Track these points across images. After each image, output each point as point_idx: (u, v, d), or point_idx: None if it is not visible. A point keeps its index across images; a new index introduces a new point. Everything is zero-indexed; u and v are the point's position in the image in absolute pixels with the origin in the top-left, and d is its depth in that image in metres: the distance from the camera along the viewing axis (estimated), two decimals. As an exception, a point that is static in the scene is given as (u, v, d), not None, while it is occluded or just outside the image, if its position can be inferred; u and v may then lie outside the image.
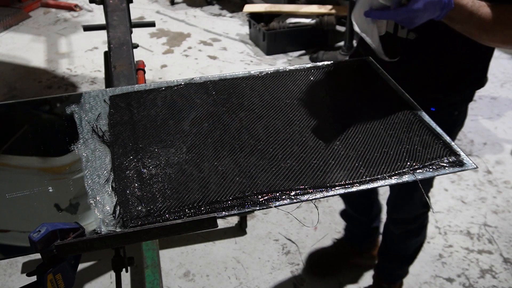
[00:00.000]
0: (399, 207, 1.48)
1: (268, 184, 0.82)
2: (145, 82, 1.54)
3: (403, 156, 0.89)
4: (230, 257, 1.87)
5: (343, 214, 1.81)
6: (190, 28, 3.89)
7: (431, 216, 2.06)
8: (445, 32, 0.99)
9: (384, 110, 1.01)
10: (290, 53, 3.49)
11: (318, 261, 1.87)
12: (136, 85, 1.09)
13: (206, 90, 1.07)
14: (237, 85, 1.08)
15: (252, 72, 1.13)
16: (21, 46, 3.56)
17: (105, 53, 1.75)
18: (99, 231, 0.74)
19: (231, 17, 4.14)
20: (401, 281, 1.73)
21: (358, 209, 1.71)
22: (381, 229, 1.70)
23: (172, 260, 1.86)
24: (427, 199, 1.55)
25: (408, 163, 0.87)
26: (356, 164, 0.86)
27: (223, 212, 0.77)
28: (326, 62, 1.16)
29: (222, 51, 3.51)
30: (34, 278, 0.67)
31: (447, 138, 0.93)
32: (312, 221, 2.02)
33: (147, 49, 3.53)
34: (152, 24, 1.94)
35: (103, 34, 3.24)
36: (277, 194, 0.80)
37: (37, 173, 0.86)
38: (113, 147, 0.90)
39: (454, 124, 1.25)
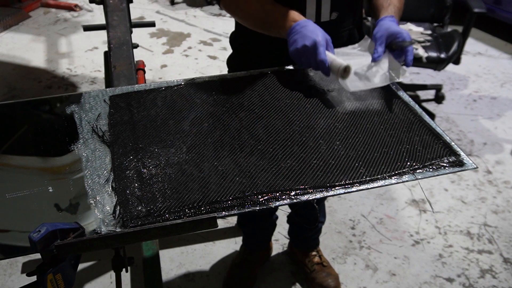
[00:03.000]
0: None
1: (268, 184, 0.82)
2: (145, 82, 1.54)
3: (403, 156, 0.89)
4: (230, 257, 1.86)
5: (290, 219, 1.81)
6: (190, 28, 3.89)
7: (431, 216, 2.06)
8: (357, 6, 1.23)
9: (384, 110, 1.01)
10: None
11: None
12: (136, 85, 1.09)
13: (206, 90, 1.07)
14: (237, 85, 1.08)
15: (252, 72, 1.13)
16: (21, 46, 3.56)
17: (105, 53, 1.75)
18: (99, 231, 0.74)
19: (231, 17, 4.13)
20: (315, 248, 1.80)
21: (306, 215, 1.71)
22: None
23: (172, 260, 1.86)
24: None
25: (408, 163, 0.87)
26: (356, 164, 0.86)
27: (223, 212, 0.77)
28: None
29: (222, 51, 3.51)
30: (34, 278, 0.67)
31: (447, 138, 0.93)
32: (312, 221, 2.02)
33: (147, 49, 3.53)
34: (152, 24, 1.94)
35: (103, 34, 3.24)
36: (277, 194, 0.81)
37: (37, 173, 0.86)
38: (113, 147, 0.90)
39: None
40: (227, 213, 0.77)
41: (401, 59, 1.06)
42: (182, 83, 1.08)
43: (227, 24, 3.97)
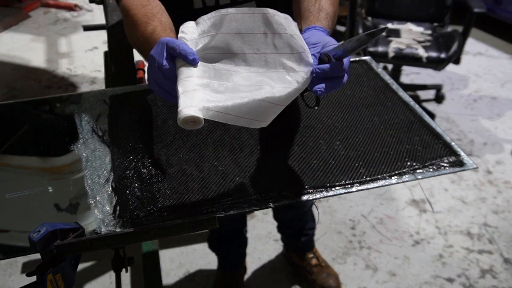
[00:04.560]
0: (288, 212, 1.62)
1: (268, 184, 0.82)
2: (145, 82, 1.54)
3: (403, 156, 0.89)
4: (230, 257, 1.86)
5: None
6: (190, 28, 3.89)
7: (431, 216, 2.06)
8: None
9: (384, 110, 1.01)
10: (290, 53, 3.48)
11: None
12: (136, 85, 1.09)
13: (206, 90, 1.07)
14: (237, 85, 1.08)
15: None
16: (21, 46, 3.56)
17: (105, 53, 1.75)
18: (99, 231, 0.74)
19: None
20: (311, 250, 1.78)
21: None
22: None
23: (172, 260, 1.86)
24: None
25: (408, 163, 0.87)
26: (356, 164, 0.86)
27: (223, 212, 0.77)
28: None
29: (222, 51, 3.51)
30: (34, 278, 0.67)
31: (447, 138, 0.93)
32: (312, 221, 2.02)
33: (147, 49, 3.52)
34: (152, 24, 1.93)
35: (103, 34, 3.24)
36: (277, 194, 0.80)
37: (37, 173, 0.86)
38: (113, 147, 0.90)
39: None
40: (227, 213, 0.77)
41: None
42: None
43: (227, 24, 3.97)
